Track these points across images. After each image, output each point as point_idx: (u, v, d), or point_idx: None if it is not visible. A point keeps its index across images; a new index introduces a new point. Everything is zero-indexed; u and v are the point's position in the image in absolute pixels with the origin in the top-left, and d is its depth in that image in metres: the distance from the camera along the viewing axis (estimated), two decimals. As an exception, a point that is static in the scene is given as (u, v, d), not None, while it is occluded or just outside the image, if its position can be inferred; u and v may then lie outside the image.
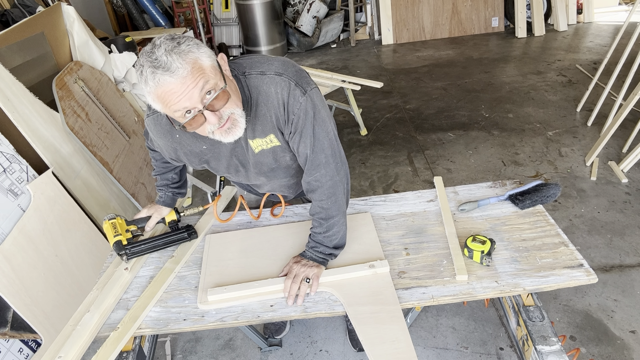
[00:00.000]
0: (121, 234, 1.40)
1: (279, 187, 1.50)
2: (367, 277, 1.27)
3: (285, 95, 1.15)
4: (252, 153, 1.29)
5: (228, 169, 1.37)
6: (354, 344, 2.04)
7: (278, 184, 1.47)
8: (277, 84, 1.15)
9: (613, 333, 2.00)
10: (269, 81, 1.15)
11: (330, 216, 1.29)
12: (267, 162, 1.32)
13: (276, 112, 1.18)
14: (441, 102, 4.34)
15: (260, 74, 1.16)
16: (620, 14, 6.21)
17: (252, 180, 1.44)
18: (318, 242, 1.31)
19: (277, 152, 1.29)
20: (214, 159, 1.33)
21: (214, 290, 1.26)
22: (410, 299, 1.20)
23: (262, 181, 1.44)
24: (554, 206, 2.78)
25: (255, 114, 1.19)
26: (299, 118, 1.17)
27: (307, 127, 1.19)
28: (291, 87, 1.15)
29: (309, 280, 1.24)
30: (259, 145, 1.26)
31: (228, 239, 1.47)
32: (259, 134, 1.23)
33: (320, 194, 1.28)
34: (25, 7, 3.31)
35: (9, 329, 1.95)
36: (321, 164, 1.24)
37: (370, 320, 1.15)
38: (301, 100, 1.16)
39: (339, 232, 1.32)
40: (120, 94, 3.41)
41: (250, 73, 1.17)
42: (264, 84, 1.15)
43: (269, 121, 1.20)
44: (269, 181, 1.44)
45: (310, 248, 1.32)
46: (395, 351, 1.07)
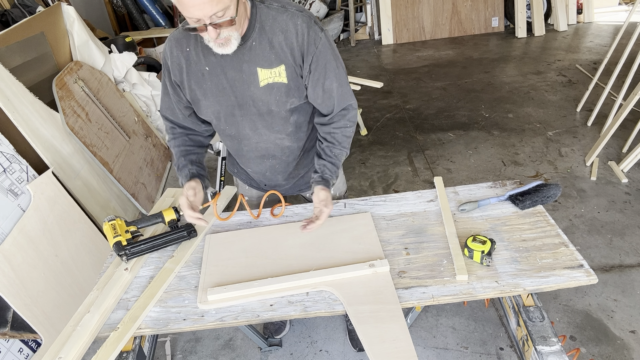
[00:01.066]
0: (121, 234, 1.40)
1: (272, 145, 1.47)
2: (367, 277, 1.27)
3: (306, 29, 1.26)
4: (257, 86, 1.31)
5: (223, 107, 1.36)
6: (354, 344, 2.04)
7: (271, 139, 1.45)
8: (298, 18, 1.26)
9: (613, 333, 2.00)
10: (290, 15, 1.26)
11: (348, 136, 1.46)
12: (268, 100, 1.33)
13: (296, 42, 1.26)
14: (441, 102, 4.35)
15: (282, 8, 1.27)
16: (620, 14, 6.21)
17: (244, 129, 1.41)
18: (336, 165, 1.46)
19: (282, 91, 1.32)
20: (212, 90, 1.33)
21: (214, 290, 1.26)
22: (410, 298, 1.20)
23: (254, 131, 1.42)
24: (554, 206, 2.78)
25: (271, 42, 1.26)
26: (321, 53, 1.29)
27: (330, 62, 1.32)
28: (311, 22, 1.27)
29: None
30: (266, 77, 1.30)
31: (228, 238, 1.47)
32: (269, 64, 1.28)
33: (347, 121, 1.44)
34: (25, 7, 3.32)
35: (9, 329, 1.95)
36: (348, 93, 1.41)
37: (370, 319, 1.15)
38: (321, 35, 1.28)
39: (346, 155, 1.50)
40: (120, 94, 3.41)
41: (271, 4, 1.27)
42: (284, 16, 1.26)
43: (284, 51, 1.27)
44: (263, 131, 1.42)
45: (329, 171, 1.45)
46: (395, 350, 1.07)
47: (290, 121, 1.42)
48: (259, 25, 1.26)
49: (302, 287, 1.26)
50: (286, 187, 1.64)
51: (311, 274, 1.27)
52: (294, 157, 1.53)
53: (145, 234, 1.53)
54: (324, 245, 1.39)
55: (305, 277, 1.26)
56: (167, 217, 1.47)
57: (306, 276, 1.27)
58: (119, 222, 1.44)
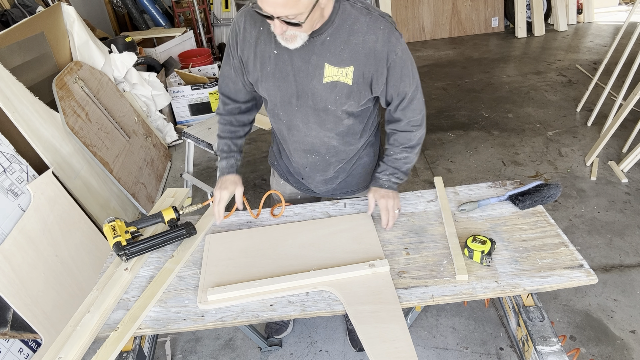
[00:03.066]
0: (120, 235, 1.40)
1: (319, 141, 1.47)
2: (367, 277, 1.27)
3: (387, 35, 1.26)
4: (319, 80, 1.30)
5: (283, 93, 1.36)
6: (353, 344, 2.04)
7: (319, 135, 1.45)
8: (382, 24, 1.26)
9: (613, 333, 2.00)
10: (373, 19, 1.26)
11: (415, 145, 1.48)
12: (327, 97, 1.33)
13: (375, 47, 1.26)
14: (441, 102, 4.35)
15: (366, 9, 1.27)
16: (620, 14, 6.21)
17: (296, 119, 1.42)
18: (396, 168, 1.48)
19: (343, 92, 1.32)
20: (275, 74, 1.33)
21: (214, 290, 1.26)
22: (410, 298, 1.20)
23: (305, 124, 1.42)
24: (554, 206, 2.78)
25: (346, 41, 1.26)
26: (399, 58, 1.29)
27: (407, 66, 1.33)
28: (392, 29, 1.28)
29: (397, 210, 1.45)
30: (332, 74, 1.29)
31: (228, 238, 1.47)
32: (340, 62, 1.28)
33: (413, 127, 1.45)
34: (25, 7, 3.32)
35: (9, 329, 1.95)
36: (419, 99, 1.42)
37: (370, 319, 1.15)
38: (401, 41, 1.29)
39: (414, 159, 1.51)
40: (120, 94, 3.41)
41: (355, 4, 1.27)
42: (367, 18, 1.25)
43: (359, 52, 1.26)
44: (314, 126, 1.42)
45: (389, 175, 1.48)
46: (396, 350, 1.07)
47: (344, 123, 1.41)
48: (339, 22, 1.25)
49: (302, 287, 1.25)
50: (321, 188, 1.63)
51: (311, 274, 1.27)
52: (337, 159, 1.52)
53: (145, 234, 1.53)
54: (324, 245, 1.39)
55: (306, 277, 1.26)
56: (167, 216, 1.48)
57: (306, 276, 1.27)
58: (119, 223, 1.44)
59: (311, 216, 1.55)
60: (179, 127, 4.29)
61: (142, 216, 2.98)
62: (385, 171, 1.49)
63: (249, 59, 1.35)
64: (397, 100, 1.40)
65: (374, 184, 1.49)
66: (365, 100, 1.36)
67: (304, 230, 1.47)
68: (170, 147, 4.01)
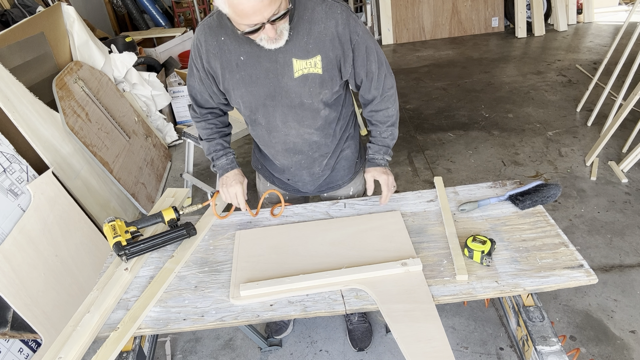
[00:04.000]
0: (120, 235, 1.41)
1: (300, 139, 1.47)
2: (399, 275, 1.26)
3: (346, 18, 1.29)
4: (291, 77, 1.31)
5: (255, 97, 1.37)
6: (354, 344, 2.04)
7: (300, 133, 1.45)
8: (338, 8, 1.29)
9: (613, 333, 2.00)
10: (328, 5, 1.28)
11: (395, 121, 1.54)
12: (301, 91, 1.34)
13: (337, 31, 1.28)
14: (441, 102, 4.35)
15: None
16: (620, 14, 6.21)
17: (275, 120, 1.42)
18: (386, 146, 1.56)
19: (316, 82, 1.33)
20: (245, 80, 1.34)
21: (247, 285, 1.26)
22: (410, 299, 1.20)
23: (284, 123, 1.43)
24: (554, 206, 2.78)
25: (308, 32, 1.28)
26: (361, 38, 1.32)
27: (370, 45, 1.36)
28: (349, 11, 1.31)
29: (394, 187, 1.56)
30: (301, 68, 1.31)
31: (258, 234, 1.48)
32: (306, 54, 1.29)
33: (388, 102, 1.50)
34: (25, 7, 3.32)
35: (9, 329, 1.95)
36: (387, 74, 1.45)
37: (404, 318, 1.14)
38: (359, 23, 1.33)
39: (397, 133, 1.59)
40: (120, 94, 3.41)
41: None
42: (323, 7, 1.28)
43: (323, 40, 1.29)
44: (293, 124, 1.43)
45: (383, 154, 1.56)
46: (432, 350, 1.07)
47: (321, 115, 1.43)
48: (297, 15, 1.26)
49: (334, 284, 1.25)
50: (309, 187, 1.65)
51: (343, 271, 1.27)
52: (320, 154, 1.54)
53: (145, 234, 1.53)
54: (354, 243, 1.39)
55: (338, 275, 1.26)
56: (167, 216, 1.48)
57: (338, 274, 1.26)
58: (119, 223, 1.44)
59: (311, 216, 1.55)
60: (179, 127, 4.29)
61: (142, 216, 2.98)
62: (378, 151, 1.56)
63: (217, 69, 1.37)
64: (367, 81, 1.43)
65: (370, 164, 1.57)
66: (337, 86, 1.39)
67: (333, 228, 1.47)
68: (170, 147, 4.01)
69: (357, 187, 1.74)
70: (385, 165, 1.58)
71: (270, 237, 1.46)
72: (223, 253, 1.44)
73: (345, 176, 1.67)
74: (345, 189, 1.71)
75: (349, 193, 1.72)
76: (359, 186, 1.75)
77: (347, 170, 1.66)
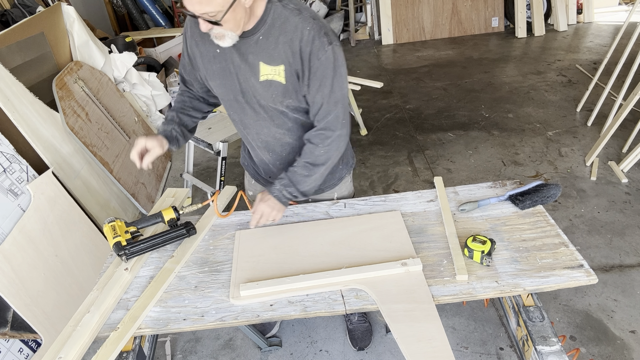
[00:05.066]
0: (120, 235, 1.41)
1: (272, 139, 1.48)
2: (399, 275, 1.26)
3: (312, 37, 1.24)
4: (257, 79, 1.32)
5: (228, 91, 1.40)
6: (354, 344, 2.04)
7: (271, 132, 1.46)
8: (309, 24, 1.24)
9: (613, 333, 2.00)
10: (302, 19, 1.25)
11: (319, 164, 1.40)
12: (265, 95, 1.35)
13: (300, 46, 1.25)
14: (441, 102, 4.35)
15: (297, 10, 1.27)
16: (620, 14, 6.21)
17: (247, 117, 1.44)
18: (293, 182, 1.42)
19: (279, 90, 1.33)
20: (219, 73, 1.37)
21: (247, 285, 1.26)
22: (411, 299, 1.20)
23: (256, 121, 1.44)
24: (554, 206, 2.78)
25: (276, 40, 1.27)
26: (321, 65, 1.26)
27: (327, 76, 1.28)
28: (321, 33, 1.25)
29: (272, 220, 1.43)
30: (267, 73, 1.31)
31: (258, 234, 1.48)
32: (272, 61, 1.29)
33: (321, 141, 1.38)
34: (25, 7, 3.32)
35: (9, 329, 1.95)
36: (331, 113, 1.34)
37: (404, 318, 1.15)
38: (327, 49, 1.25)
39: (316, 182, 1.44)
40: (120, 94, 3.41)
41: (287, 5, 1.27)
42: (297, 19, 1.25)
43: (287, 51, 1.26)
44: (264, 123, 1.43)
45: (283, 185, 1.42)
46: (432, 350, 1.07)
47: (290, 117, 1.42)
48: (271, 21, 1.26)
49: (334, 284, 1.25)
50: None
51: (343, 271, 1.27)
52: (295, 157, 1.52)
53: (145, 234, 1.53)
54: (354, 243, 1.39)
55: (338, 275, 1.26)
56: (167, 216, 1.48)
57: (338, 274, 1.27)
58: (119, 223, 1.44)
59: (311, 216, 1.55)
60: (179, 127, 4.28)
61: (142, 216, 2.98)
62: (281, 180, 1.43)
63: (196, 56, 1.40)
64: (312, 108, 1.36)
65: (267, 187, 1.46)
66: (303, 96, 1.36)
67: (333, 228, 1.47)
68: (170, 147, 4.00)
69: (342, 192, 1.71)
70: (279, 199, 1.42)
71: (270, 237, 1.46)
72: (223, 253, 1.44)
73: (328, 181, 1.64)
74: (329, 194, 1.68)
75: (333, 198, 1.70)
76: (344, 192, 1.72)
77: (330, 176, 1.63)
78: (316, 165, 1.40)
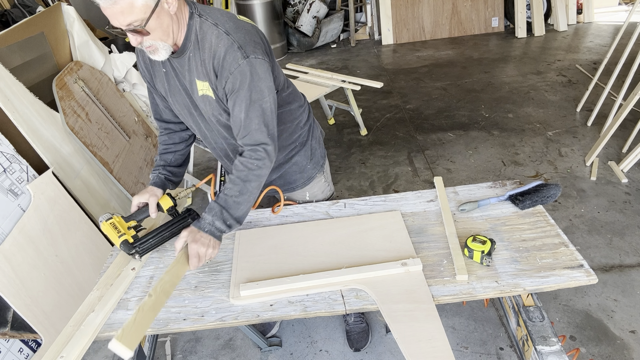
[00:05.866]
0: (125, 232, 1.36)
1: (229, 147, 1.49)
2: (399, 275, 1.26)
3: (224, 52, 1.22)
4: (197, 94, 1.34)
5: (182, 107, 1.42)
6: (350, 344, 2.04)
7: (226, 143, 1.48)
8: (221, 40, 1.23)
9: (613, 333, 2.00)
10: (217, 34, 1.24)
11: (249, 179, 1.30)
12: (206, 109, 1.37)
13: (214, 63, 1.25)
14: (441, 102, 4.35)
15: (214, 25, 1.25)
16: (620, 14, 6.21)
17: (201, 128, 1.46)
18: (224, 208, 1.29)
19: (213, 104, 1.34)
20: (172, 90, 1.39)
21: (247, 285, 1.26)
22: (411, 299, 1.20)
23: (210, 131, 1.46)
24: (554, 206, 2.78)
25: (201, 57, 1.27)
26: (235, 79, 1.23)
27: (243, 90, 1.24)
28: (233, 47, 1.22)
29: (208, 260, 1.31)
30: (202, 88, 1.32)
31: (258, 235, 1.48)
32: (202, 77, 1.30)
33: (251, 161, 1.30)
34: (25, 7, 3.32)
35: (9, 329, 1.95)
36: (253, 129, 1.28)
37: (404, 318, 1.15)
38: (240, 62, 1.22)
39: (248, 203, 1.33)
40: (120, 94, 3.41)
41: (206, 19, 1.26)
42: (212, 35, 1.24)
43: (207, 68, 1.27)
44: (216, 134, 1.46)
45: (214, 216, 1.28)
46: (432, 350, 1.07)
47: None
48: (195, 38, 1.27)
49: (334, 284, 1.25)
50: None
51: (343, 271, 1.28)
52: None
53: (150, 220, 1.52)
54: (354, 243, 1.39)
55: (338, 275, 1.26)
56: (165, 205, 1.46)
57: (338, 274, 1.27)
58: (118, 219, 1.39)
59: (311, 216, 1.55)
60: (179, 127, 4.28)
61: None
62: (212, 210, 1.29)
63: (152, 80, 1.43)
64: (234, 126, 1.31)
65: (195, 222, 1.31)
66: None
67: (333, 228, 1.47)
68: (170, 147, 4.00)
69: (313, 191, 1.71)
70: (211, 232, 1.29)
71: (270, 237, 1.46)
72: (223, 253, 1.44)
73: (298, 180, 1.65)
74: (301, 192, 1.69)
75: (305, 197, 1.70)
76: (316, 192, 1.71)
77: (299, 175, 1.64)
78: (248, 180, 1.30)
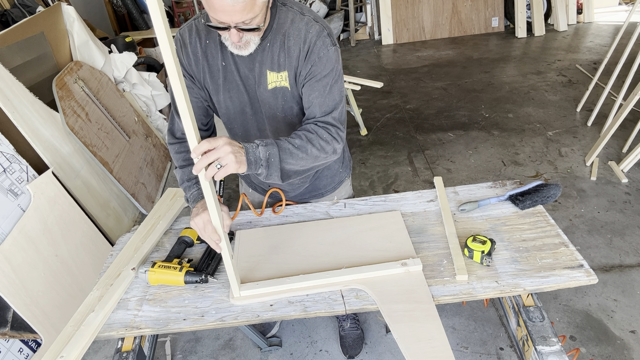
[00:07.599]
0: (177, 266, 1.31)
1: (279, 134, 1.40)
2: (399, 275, 1.26)
3: (315, 37, 1.22)
4: (265, 87, 1.29)
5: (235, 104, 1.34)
6: (344, 351, 2.03)
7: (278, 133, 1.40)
8: (312, 27, 1.23)
9: (613, 333, 2.00)
10: (306, 22, 1.23)
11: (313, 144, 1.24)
12: (275, 104, 1.32)
13: (302, 48, 1.23)
14: (441, 102, 4.35)
15: (300, 13, 1.25)
16: (620, 14, 6.21)
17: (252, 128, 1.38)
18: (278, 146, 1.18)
19: (287, 96, 1.31)
20: (225, 85, 1.31)
21: (247, 285, 1.26)
22: (411, 299, 1.20)
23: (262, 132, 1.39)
24: (554, 206, 2.78)
25: (282, 45, 1.25)
26: (322, 64, 1.24)
27: (327, 76, 1.25)
28: (323, 34, 1.24)
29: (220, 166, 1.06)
30: (274, 80, 1.28)
31: (258, 234, 1.48)
32: (278, 67, 1.27)
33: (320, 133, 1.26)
34: (25, 7, 3.31)
35: (9, 329, 1.95)
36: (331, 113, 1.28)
37: (404, 318, 1.14)
38: (329, 49, 1.24)
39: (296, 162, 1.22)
40: (120, 94, 3.41)
41: (291, 7, 1.25)
42: (301, 22, 1.23)
43: (291, 56, 1.25)
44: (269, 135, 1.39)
45: (264, 145, 1.16)
46: (432, 350, 1.07)
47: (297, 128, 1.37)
48: (277, 26, 1.24)
49: (334, 284, 1.25)
50: (289, 194, 1.62)
51: (343, 271, 1.27)
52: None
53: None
54: (354, 243, 1.39)
55: (338, 275, 1.26)
56: (194, 236, 1.45)
57: (338, 274, 1.26)
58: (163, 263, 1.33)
59: (312, 216, 1.55)
60: (179, 127, 4.28)
61: (142, 216, 2.98)
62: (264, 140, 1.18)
63: (200, 72, 1.32)
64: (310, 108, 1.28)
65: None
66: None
67: (333, 228, 1.46)
68: (170, 147, 4.00)
69: (341, 195, 1.70)
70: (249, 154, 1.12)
71: (270, 237, 1.46)
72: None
73: (328, 185, 1.63)
74: (329, 197, 1.68)
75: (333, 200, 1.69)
76: (343, 195, 1.71)
77: (331, 180, 1.62)
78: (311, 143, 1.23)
